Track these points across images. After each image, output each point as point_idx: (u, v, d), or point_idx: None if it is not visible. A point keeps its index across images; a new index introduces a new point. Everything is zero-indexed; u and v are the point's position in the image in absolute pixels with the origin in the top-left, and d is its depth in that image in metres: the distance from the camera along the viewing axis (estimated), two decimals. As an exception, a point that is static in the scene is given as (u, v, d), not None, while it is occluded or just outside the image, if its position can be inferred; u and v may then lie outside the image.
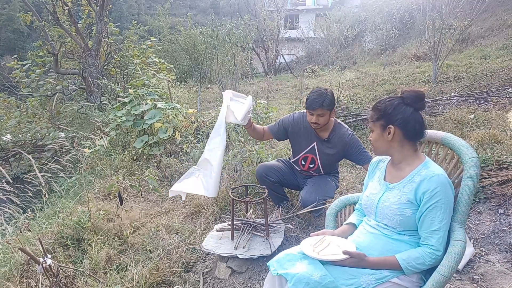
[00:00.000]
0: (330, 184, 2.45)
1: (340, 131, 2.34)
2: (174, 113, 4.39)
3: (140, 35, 9.02)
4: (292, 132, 2.44)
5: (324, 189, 2.38)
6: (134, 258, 2.26)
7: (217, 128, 2.13)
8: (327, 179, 2.47)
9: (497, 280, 1.87)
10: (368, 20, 13.95)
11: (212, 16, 10.26)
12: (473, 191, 1.30)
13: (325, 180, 2.46)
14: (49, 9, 6.03)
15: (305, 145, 2.42)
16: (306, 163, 2.47)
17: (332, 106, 2.23)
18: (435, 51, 6.58)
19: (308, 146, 2.41)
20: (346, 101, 5.64)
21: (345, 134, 2.33)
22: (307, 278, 1.24)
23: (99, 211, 2.70)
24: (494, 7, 10.52)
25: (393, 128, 1.35)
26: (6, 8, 31.06)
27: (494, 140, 3.25)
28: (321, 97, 2.18)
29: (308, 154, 2.43)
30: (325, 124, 2.29)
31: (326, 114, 2.22)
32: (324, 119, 2.24)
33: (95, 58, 6.35)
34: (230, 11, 32.62)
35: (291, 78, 12.29)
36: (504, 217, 2.30)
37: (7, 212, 2.51)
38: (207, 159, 2.11)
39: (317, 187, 2.38)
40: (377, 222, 1.43)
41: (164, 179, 3.57)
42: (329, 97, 2.20)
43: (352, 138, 2.33)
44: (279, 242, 2.14)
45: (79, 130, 5.04)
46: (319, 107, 2.18)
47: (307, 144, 2.41)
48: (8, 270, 2.12)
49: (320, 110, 2.19)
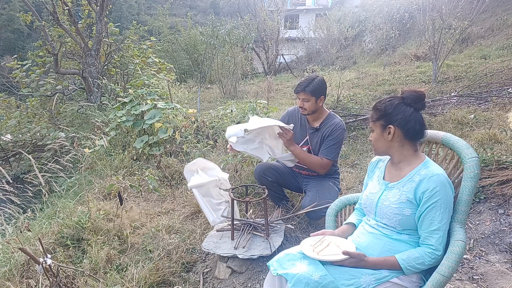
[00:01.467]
0: (332, 189, 2.43)
1: (330, 121, 2.33)
2: (174, 113, 4.39)
3: (140, 35, 9.01)
4: (290, 122, 2.45)
5: (327, 196, 2.34)
6: (134, 258, 2.26)
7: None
8: (329, 184, 2.45)
9: (497, 280, 1.87)
10: (368, 20, 13.96)
11: (212, 16, 10.27)
12: (473, 191, 1.30)
13: (327, 185, 2.43)
14: (49, 9, 6.02)
15: (300, 137, 2.44)
16: None
17: (318, 93, 2.24)
18: (435, 51, 6.57)
19: (303, 138, 2.44)
20: (346, 101, 5.63)
21: (333, 124, 2.31)
22: (307, 279, 1.25)
23: (99, 211, 2.70)
24: (494, 7, 10.52)
25: (393, 128, 1.35)
26: (6, 8, 31.08)
27: (494, 140, 3.25)
28: (306, 82, 2.23)
29: (304, 146, 2.44)
30: (313, 111, 2.30)
31: (311, 100, 2.24)
32: (309, 104, 2.25)
33: (95, 58, 6.35)
34: (230, 11, 32.61)
35: (291, 78, 12.29)
36: (504, 217, 2.30)
37: (7, 212, 2.51)
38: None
39: (320, 194, 2.35)
40: (376, 222, 1.43)
41: (164, 179, 3.57)
42: (315, 83, 2.23)
43: (335, 130, 2.28)
44: (279, 242, 2.14)
45: (79, 130, 5.04)
46: (302, 91, 2.23)
47: (302, 136, 2.44)
48: (8, 270, 2.12)
49: (303, 95, 2.23)
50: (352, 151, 4.06)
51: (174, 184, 3.51)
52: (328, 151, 2.30)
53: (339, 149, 2.35)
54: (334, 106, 5.39)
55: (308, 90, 2.21)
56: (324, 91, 2.29)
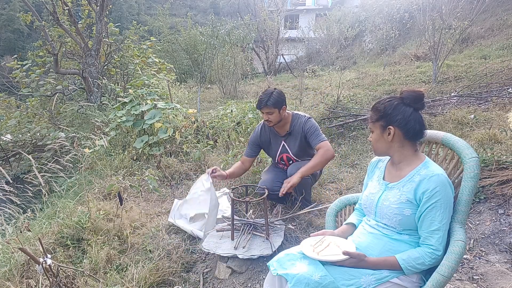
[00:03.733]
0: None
1: (298, 120, 2.48)
2: (174, 113, 4.39)
3: (140, 35, 9.02)
4: (263, 141, 2.62)
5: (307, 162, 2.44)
6: (134, 258, 2.26)
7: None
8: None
9: (497, 280, 1.87)
10: (368, 20, 13.95)
11: (212, 16, 10.27)
12: (473, 191, 1.30)
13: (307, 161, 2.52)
14: (49, 9, 6.02)
15: (275, 148, 2.59)
16: (285, 162, 2.62)
17: (279, 104, 2.38)
18: (435, 51, 6.57)
19: (278, 147, 2.58)
20: (346, 101, 5.63)
21: (302, 121, 2.47)
22: (307, 279, 1.24)
23: (99, 211, 2.70)
24: (494, 7, 10.52)
25: (393, 129, 1.35)
26: (6, 8, 31.09)
27: (494, 140, 3.25)
28: (266, 97, 2.37)
29: (283, 154, 2.59)
30: (278, 121, 2.44)
31: (275, 112, 2.39)
32: (274, 116, 2.40)
33: (95, 58, 6.35)
34: (230, 11, 32.61)
35: (291, 78, 12.28)
36: (504, 217, 2.30)
37: (7, 212, 2.51)
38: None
39: (300, 163, 2.46)
40: (376, 222, 1.43)
41: (164, 179, 3.57)
42: (274, 96, 2.37)
43: (308, 121, 2.46)
44: (279, 242, 2.14)
45: (79, 130, 5.04)
46: (264, 106, 2.37)
47: (277, 146, 2.58)
48: (8, 270, 2.12)
49: (267, 109, 2.38)
50: (352, 151, 4.06)
51: (174, 184, 3.51)
52: (317, 137, 2.42)
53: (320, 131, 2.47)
54: (334, 106, 5.39)
55: (270, 103, 2.35)
56: (284, 101, 2.43)
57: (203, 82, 9.87)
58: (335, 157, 3.95)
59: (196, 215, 2.59)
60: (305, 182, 2.45)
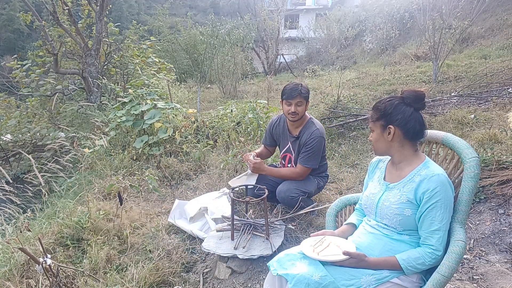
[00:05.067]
0: (310, 181, 2.50)
1: (310, 129, 2.41)
2: (174, 113, 4.39)
3: (140, 35, 9.03)
4: (276, 133, 2.60)
5: (302, 184, 2.41)
6: (134, 258, 2.26)
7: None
8: (309, 177, 2.52)
9: (497, 280, 1.87)
10: (368, 20, 13.95)
11: (212, 16, 10.27)
12: (473, 191, 1.30)
13: (307, 178, 2.50)
14: (49, 9, 6.02)
15: (283, 144, 2.58)
16: (286, 162, 2.61)
17: (308, 96, 2.35)
18: (435, 51, 6.57)
19: (285, 145, 2.56)
20: (346, 101, 5.62)
21: (309, 132, 2.38)
22: (308, 279, 1.24)
23: (99, 211, 2.70)
24: (494, 7, 10.52)
25: (393, 128, 1.35)
26: (6, 8, 31.10)
27: (494, 140, 3.24)
28: (298, 86, 2.32)
29: (286, 154, 2.58)
30: (301, 117, 2.39)
31: (303, 104, 2.34)
32: (302, 108, 2.34)
33: (95, 58, 6.34)
34: (230, 11, 32.64)
35: (291, 78, 12.28)
36: (504, 217, 2.30)
37: (7, 212, 2.51)
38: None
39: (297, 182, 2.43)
40: (377, 222, 1.43)
41: (164, 179, 3.57)
42: (305, 86, 2.35)
43: (312, 139, 2.35)
44: (279, 242, 2.14)
45: (79, 130, 5.03)
46: (299, 95, 2.29)
47: (285, 144, 2.57)
48: (8, 270, 2.12)
49: (299, 98, 2.30)
50: (352, 151, 4.06)
51: (174, 184, 3.51)
52: (305, 159, 2.38)
53: (317, 156, 2.41)
54: (334, 106, 5.38)
55: (303, 92, 2.31)
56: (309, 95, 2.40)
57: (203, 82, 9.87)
58: (335, 157, 3.97)
59: (196, 215, 2.60)
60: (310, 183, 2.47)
